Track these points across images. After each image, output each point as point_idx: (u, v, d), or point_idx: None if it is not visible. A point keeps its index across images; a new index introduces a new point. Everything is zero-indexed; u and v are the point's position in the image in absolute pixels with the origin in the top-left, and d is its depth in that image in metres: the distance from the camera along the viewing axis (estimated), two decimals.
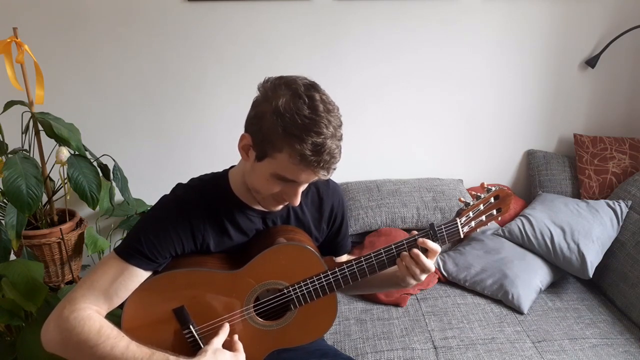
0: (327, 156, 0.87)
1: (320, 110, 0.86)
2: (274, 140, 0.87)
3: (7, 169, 1.49)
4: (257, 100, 0.92)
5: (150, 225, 0.97)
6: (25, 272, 1.47)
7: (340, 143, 0.90)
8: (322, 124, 0.85)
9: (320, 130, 0.85)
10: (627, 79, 2.13)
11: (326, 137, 0.86)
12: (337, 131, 0.88)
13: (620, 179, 1.99)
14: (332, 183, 1.18)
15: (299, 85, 0.88)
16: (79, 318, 0.91)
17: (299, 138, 0.85)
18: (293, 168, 0.88)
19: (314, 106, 0.86)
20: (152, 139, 2.07)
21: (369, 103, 2.09)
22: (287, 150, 0.87)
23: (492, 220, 1.07)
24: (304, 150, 0.85)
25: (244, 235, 1.06)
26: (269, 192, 0.95)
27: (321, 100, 0.87)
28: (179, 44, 1.95)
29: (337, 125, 0.88)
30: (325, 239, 1.19)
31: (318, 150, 0.85)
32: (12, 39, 1.56)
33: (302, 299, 1.03)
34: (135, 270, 0.95)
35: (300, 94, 0.87)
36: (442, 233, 1.03)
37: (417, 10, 1.97)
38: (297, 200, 0.95)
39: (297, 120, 0.85)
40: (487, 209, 1.05)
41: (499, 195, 1.05)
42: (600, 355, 1.45)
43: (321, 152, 0.86)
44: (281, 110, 0.86)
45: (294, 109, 0.85)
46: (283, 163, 0.88)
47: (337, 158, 0.89)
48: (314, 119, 0.85)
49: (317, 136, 0.85)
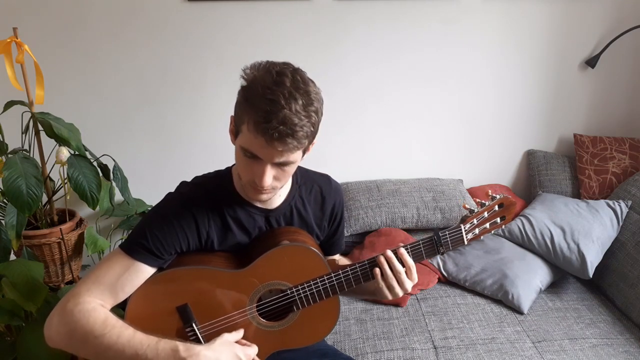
0: (281, 125, 0.84)
1: (286, 85, 0.85)
2: (241, 112, 0.89)
3: (7, 169, 1.49)
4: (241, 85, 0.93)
5: (155, 221, 0.98)
6: (25, 272, 1.47)
7: (306, 121, 0.87)
8: (281, 95, 0.84)
9: (276, 99, 0.84)
10: (627, 79, 2.13)
11: (282, 107, 0.84)
12: (300, 107, 0.86)
13: (620, 179, 1.99)
14: (334, 182, 1.18)
15: (276, 66, 0.89)
16: (83, 311, 0.90)
17: (255, 105, 0.85)
18: (251, 138, 0.87)
19: (280, 81, 0.86)
20: (152, 139, 2.07)
21: (369, 103, 2.09)
22: (246, 118, 0.87)
23: (496, 228, 1.07)
24: (258, 117, 0.85)
25: (245, 233, 1.06)
26: (245, 175, 0.95)
27: (292, 79, 0.87)
28: (179, 44, 1.95)
29: (304, 102, 0.86)
30: (324, 237, 1.19)
31: (269, 118, 0.84)
32: (12, 39, 1.56)
33: (305, 300, 1.03)
34: (140, 266, 0.96)
35: (272, 71, 0.87)
36: (446, 239, 1.03)
37: (417, 10, 1.97)
38: (263, 180, 0.91)
39: (258, 89, 0.86)
40: (491, 217, 1.06)
41: (503, 203, 1.06)
42: (600, 355, 1.45)
43: (271, 120, 0.84)
44: (250, 84, 0.88)
45: (259, 81, 0.87)
46: (245, 134, 0.89)
47: (296, 131, 0.85)
48: (274, 90, 0.85)
49: (270, 104, 0.84)
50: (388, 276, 1.00)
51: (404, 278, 1.00)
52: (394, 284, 1.00)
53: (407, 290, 1.02)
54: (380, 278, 1.01)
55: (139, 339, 0.90)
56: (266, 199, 1.00)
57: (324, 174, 1.18)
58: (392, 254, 1.01)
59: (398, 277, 1.00)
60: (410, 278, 1.02)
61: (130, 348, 0.89)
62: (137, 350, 0.89)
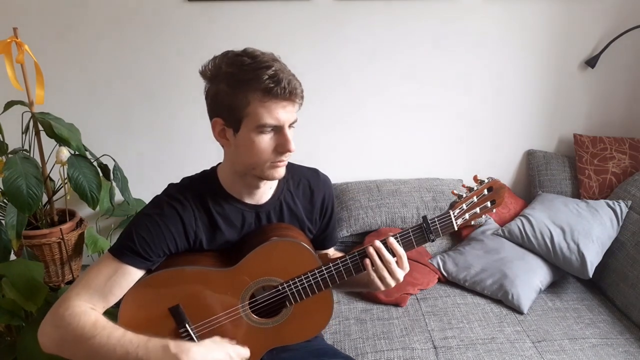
0: (287, 83, 0.90)
1: (258, 54, 0.93)
2: (238, 99, 0.91)
3: (7, 169, 1.49)
4: (206, 87, 0.98)
5: (142, 224, 0.98)
6: (26, 272, 1.47)
7: (294, 74, 0.94)
8: (265, 60, 0.91)
9: (268, 64, 0.90)
10: (627, 79, 2.13)
11: (277, 68, 0.90)
12: (280, 63, 0.93)
13: (620, 179, 1.99)
14: (322, 175, 1.18)
15: (231, 51, 0.95)
16: (73, 314, 0.91)
17: (255, 78, 0.89)
18: (268, 109, 0.91)
19: (251, 54, 0.92)
20: (152, 138, 2.07)
21: (369, 103, 2.09)
22: (252, 96, 0.91)
23: (487, 213, 1.06)
24: (266, 84, 0.89)
25: (234, 229, 1.06)
26: (264, 155, 0.96)
27: (253, 50, 0.94)
28: (179, 43, 1.95)
29: (277, 59, 0.94)
30: (317, 231, 1.19)
31: (276, 79, 0.89)
32: (12, 39, 1.57)
33: (297, 295, 1.03)
34: (128, 269, 0.96)
35: (236, 53, 0.94)
36: (435, 226, 1.03)
37: (417, 10, 1.97)
38: (291, 144, 0.95)
39: (244, 68, 0.90)
40: (480, 201, 1.05)
41: (492, 187, 1.05)
42: (600, 355, 1.45)
43: (280, 79, 0.89)
44: (229, 71, 0.91)
45: (237, 64, 0.91)
46: (257, 111, 0.92)
47: (298, 85, 0.93)
48: (257, 59, 0.91)
49: (267, 69, 0.90)
50: (378, 267, 1.00)
51: (394, 267, 1.00)
52: (385, 274, 1.00)
53: (399, 279, 1.01)
54: (371, 269, 1.01)
55: (129, 338, 0.91)
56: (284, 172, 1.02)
57: (312, 168, 1.18)
58: (380, 244, 1.00)
59: (388, 267, 1.00)
60: (402, 267, 1.01)
61: (121, 348, 0.89)
62: (127, 350, 0.89)
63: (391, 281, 1.01)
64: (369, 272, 1.01)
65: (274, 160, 0.97)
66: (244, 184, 1.04)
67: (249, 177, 1.01)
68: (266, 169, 0.98)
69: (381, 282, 1.01)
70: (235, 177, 1.03)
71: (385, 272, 1.00)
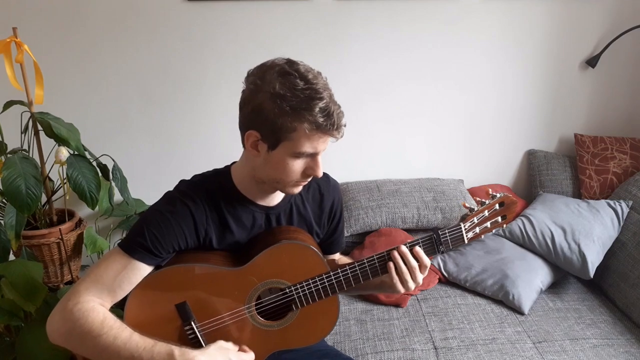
0: (336, 116, 0.91)
1: (311, 79, 0.91)
2: (285, 122, 0.90)
3: (7, 169, 1.49)
4: (248, 95, 0.94)
5: (153, 219, 0.97)
6: (25, 272, 1.47)
7: (339, 104, 0.95)
8: (319, 89, 0.90)
9: (321, 95, 0.90)
10: (628, 79, 2.13)
11: (327, 100, 0.90)
12: (330, 91, 0.93)
13: (621, 179, 1.99)
14: (332, 180, 1.19)
15: (281, 65, 0.91)
16: (82, 310, 0.92)
17: (308, 110, 0.89)
18: (311, 140, 0.92)
19: (304, 77, 0.90)
20: (151, 139, 2.07)
21: (369, 103, 2.08)
22: (301, 125, 0.90)
23: (497, 227, 1.07)
24: (317, 118, 0.89)
25: (245, 230, 1.06)
26: (292, 176, 0.97)
27: (305, 70, 0.92)
28: (179, 44, 1.95)
29: (327, 86, 0.93)
30: (324, 235, 1.19)
31: (327, 113, 0.90)
32: (11, 39, 1.56)
33: (304, 299, 1.03)
34: (138, 265, 0.96)
35: (287, 71, 0.91)
36: (445, 238, 1.03)
37: (417, 10, 1.97)
38: (320, 170, 0.98)
39: (298, 95, 0.89)
40: (491, 216, 1.05)
41: (504, 202, 1.05)
42: (601, 355, 1.44)
43: (331, 114, 0.90)
44: (280, 92, 0.89)
45: (290, 86, 0.89)
46: (300, 140, 0.92)
47: (342, 116, 0.94)
48: (312, 87, 0.89)
49: (320, 101, 0.89)
50: (402, 271, 1.01)
51: (417, 273, 1.02)
52: (408, 278, 1.02)
53: (419, 283, 1.04)
54: (395, 273, 1.02)
55: (135, 342, 0.91)
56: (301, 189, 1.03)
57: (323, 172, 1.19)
58: (407, 249, 1.02)
59: (412, 272, 1.02)
60: (423, 272, 1.04)
61: (126, 350, 0.90)
62: (132, 353, 0.90)
63: (412, 285, 1.03)
64: (392, 276, 1.02)
65: (299, 180, 0.99)
66: (259, 189, 1.04)
67: (267, 186, 1.02)
68: (289, 187, 1.00)
69: (402, 285, 1.03)
70: (252, 181, 1.03)
71: (408, 276, 1.02)
